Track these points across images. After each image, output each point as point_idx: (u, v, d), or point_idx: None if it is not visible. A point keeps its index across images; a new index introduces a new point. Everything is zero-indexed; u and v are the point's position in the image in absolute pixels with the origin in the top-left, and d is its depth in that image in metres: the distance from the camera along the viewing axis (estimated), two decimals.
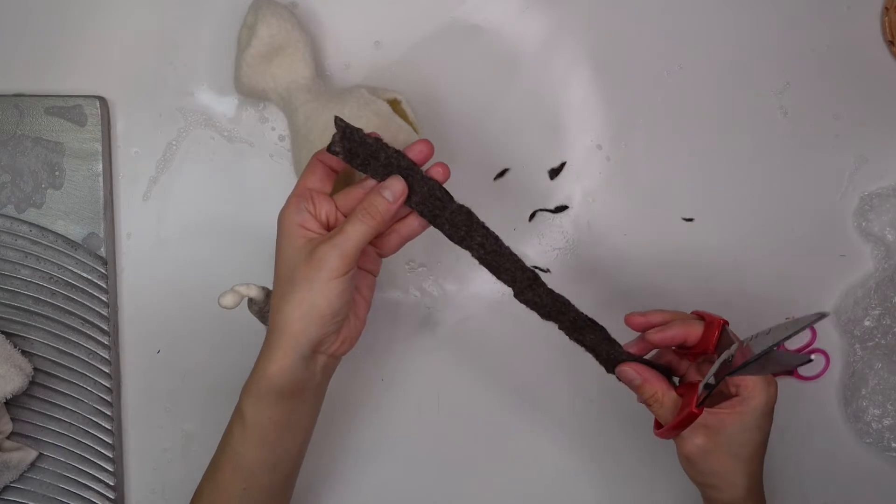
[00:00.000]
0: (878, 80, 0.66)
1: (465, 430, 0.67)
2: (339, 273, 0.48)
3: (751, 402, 0.51)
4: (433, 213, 0.50)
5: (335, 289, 0.48)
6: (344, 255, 0.48)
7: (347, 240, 0.48)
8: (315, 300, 0.48)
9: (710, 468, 0.52)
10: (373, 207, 0.49)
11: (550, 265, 0.66)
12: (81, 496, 0.65)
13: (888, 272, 0.65)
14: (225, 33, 0.64)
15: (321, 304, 0.48)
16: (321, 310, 0.48)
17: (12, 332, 0.64)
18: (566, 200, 0.66)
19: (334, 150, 0.49)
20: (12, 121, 0.64)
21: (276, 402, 0.50)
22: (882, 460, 0.66)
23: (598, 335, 0.53)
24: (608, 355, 0.53)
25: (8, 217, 0.64)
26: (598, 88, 0.66)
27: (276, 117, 0.65)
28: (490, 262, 0.51)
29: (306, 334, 0.48)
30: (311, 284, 0.48)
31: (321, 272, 0.47)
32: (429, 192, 0.50)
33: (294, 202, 0.50)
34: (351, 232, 0.48)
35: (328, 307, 0.48)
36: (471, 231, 0.51)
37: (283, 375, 0.49)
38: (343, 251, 0.48)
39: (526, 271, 0.51)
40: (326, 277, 0.47)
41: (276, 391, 0.50)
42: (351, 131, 0.48)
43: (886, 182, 0.66)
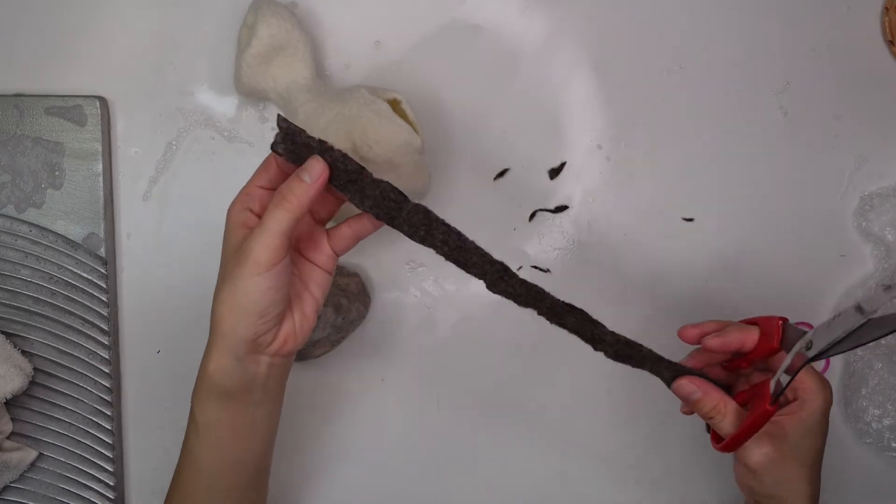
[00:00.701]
0: (878, 80, 0.66)
1: (465, 430, 0.67)
2: (264, 267, 0.45)
3: (811, 405, 0.50)
4: (389, 214, 0.48)
5: (261, 284, 0.45)
6: (266, 245, 0.45)
7: (267, 230, 0.45)
8: (239, 298, 0.45)
9: (778, 478, 0.50)
10: (290, 192, 0.45)
11: (550, 265, 0.66)
12: (81, 496, 0.65)
13: (888, 272, 0.65)
14: (225, 33, 0.64)
15: (246, 302, 0.45)
16: (247, 308, 0.46)
17: (12, 332, 0.64)
18: (566, 200, 0.66)
19: (276, 150, 0.47)
20: (12, 121, 0.64)
21: (221, 403, 0.49)
22: (882, 460, 0.66)
23: (578, 318, 0.52)
24: (593, 335, 0.52)
25: (8, 217, 0.64)
26: (598, 88, 0.66)
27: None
28: (456, 258, 0.50)
29: (235, 333, 0.46)
30: (235, 281, 0.45)
31: (245, 267, 0.45)
32: (381, 194, 0.48)
33: (240, 200, 0.48)
34: (270, 221, 0.45)
35: (254, 305, 0.46)
36: (431, 230, 0.49)
37: (222, 375, 0.47)
38: (264, 242, 0.45)
39: (494, 264, 0.50)
40: (250, 272, 0.45)
41: (218, 391, 0.48)
42: (293, 132, 0.46)
43: (886, 182, 0.66)
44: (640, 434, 0.67)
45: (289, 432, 0.66)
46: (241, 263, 0.45)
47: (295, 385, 0.66)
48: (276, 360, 0.49)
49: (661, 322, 0.66)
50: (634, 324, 0.67)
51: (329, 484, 0.67)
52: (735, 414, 0.50)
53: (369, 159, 0.55)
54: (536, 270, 0.66)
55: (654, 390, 0.66)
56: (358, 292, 0.63)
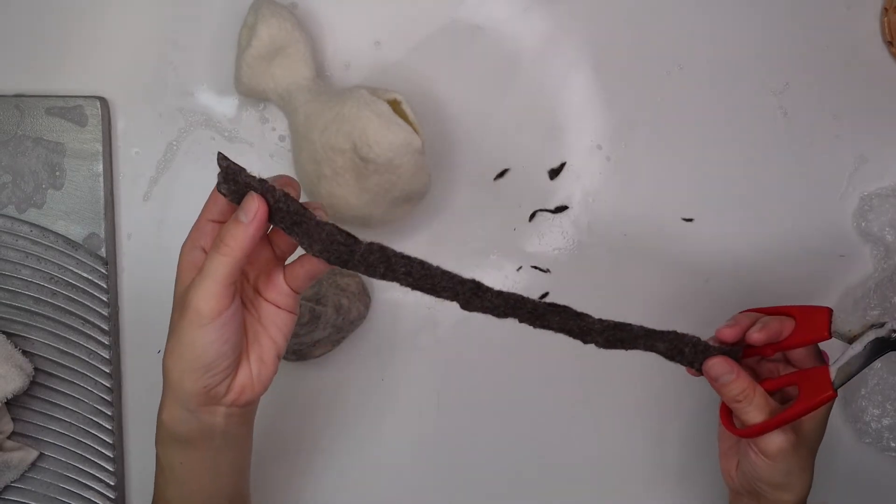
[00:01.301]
0: (878, 80, 0.66)
1: (465, 429, 0.67)
2: (207, 318, 0.42)
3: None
4: (341, 258, 0.44)
5: (205, 337, 0.42)
6: (207, 294, 0.42)
7: (206, 276, 0.42)
8: (184, 350, 0.43)
9: (792, 466, 0.50)
10: (228, 234, 0.42)
11: (550, 265, 0.66)
12: (82, 496, 0.65)
13: (887, 272, 0.65)
14: (225, 33, 0.64)
15: (190, 356, 0.43)
16: (191, 362, 0.43)
17: (13, 332, 0.64)
18: (566, 200, 0.66)
19: (220, 190, 0.44)
20: (13, 121, 0.64)
21: (179, 449, 0.47)
22: (881, 460, 0.66)
23: (562, 315, 0.50)
24: (580, 329, 0.51)
25: (8, 217, 0.64)
26: (598, 89, 0.66)
27: (277, 117, 0.65)
28: (424, 286, 0.46)
29: (182, 387, 0.44)
30: (178, 333, 0.43)
31: (185, 318, 0.42)
32: (328, 237, 0.43)
33: (191, 238, 0.45)
34: (209, 267, 0.42)
35: (198, 359, 0.43)
36: (390, 266, 0.45)
37: (175, 424, 0.45)
38: (205, 290, 0.42)
39: (465, 283, 0.47)
40: (192, 324, 0.42)
41: (174, 438, 0.46)
42: (234, 171, 0.43)
43: (886, 182, 0.66)
44: (638, 433, 0.67)
45: (288, 432, 0.66)
46: (183, 314, 0.42)
47: (295, 385, 0.66)
48: (235, 410, 0.46)
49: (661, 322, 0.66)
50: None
51: (329, 484, 0.67)
52: (763, 400, 0.49)
53: (369, 159, 0.55)
54: (536, 270, 0.66)
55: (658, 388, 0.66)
56: (358, 292, 0.63)
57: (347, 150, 0.56)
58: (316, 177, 0.57)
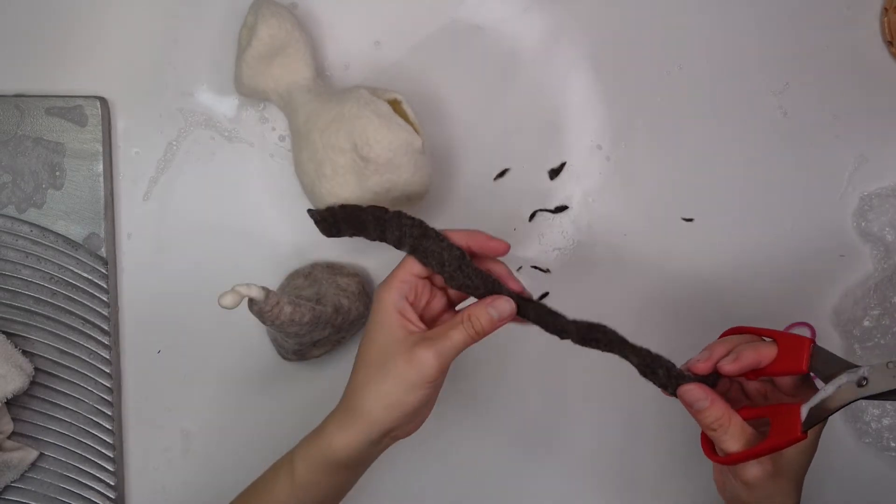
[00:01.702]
0: (878, 80, 0.66)
1: (464, 429, 0.67)
2: (435, 379, 0.48)
3: None
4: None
5: (427, 392, 0.48)
6: (443, 363, 0.48)
7: (450, 349, 0.48)
8: (404, 399, 0.48)
9: (769, 493, 0.50)
10: (478, 322, 0.49)
11: (550, 265, 0.66)
12: (82, 496, 0.65)
13: (887, 272, 0.65)
14: (225, 33, 0.64)
15: (409, 404, 0.48)
16: (407, 408, 0.48)
17: (13, 332, 0.64)
18: (566, 200, 0.66)
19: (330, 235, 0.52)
20: (13, 121, 0.64)
21: (333, 472, 0.50)
22: (881, 460, 0.66)
23: (539, 309, 0.52)
24: (556, 327, 0.51)
25: (9, 217, 0.64)
26: (598, 88, 0.66)
27: (277, 117, 0.65)
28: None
29: (385, 425, 0.49)
30: (404, 384, 0.48)
31: (418, 375, 0.47)
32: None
33: (396, 287, 0.50)
34: (454, 341, 0.48)
35: (414, 408, 0.48)
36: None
37: (348, 452, 0.49)
38: (443, 360, 0.48)
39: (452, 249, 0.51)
40: (422, 382, 0.48)
41: (336, 463, 0.50)
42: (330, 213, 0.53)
43: (886, 182, 0.66)
44: (636, 433, 0.67)
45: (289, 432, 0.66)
46: (416, 371, 0.47)
47: (295, 385, 0.66)
48: (393, 441, 0.52)
49: (661, 322, 0.66)
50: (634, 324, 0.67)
51: None
52: (739, 429, 0.48)
53: (370, 159, 0.55)
54: (536, 270, 0.66)
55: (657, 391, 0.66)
56: (358, 292, 0.63)
57: (348, 150, 0.56)
58: (316, 177, 0.57)
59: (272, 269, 0.65)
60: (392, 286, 0.50)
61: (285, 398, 0.66)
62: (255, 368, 0.66)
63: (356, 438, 0.49)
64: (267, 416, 0.67)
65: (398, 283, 0.50)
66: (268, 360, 0.66)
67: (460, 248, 0.51)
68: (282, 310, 0.53)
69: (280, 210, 0.66)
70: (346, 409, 0.50)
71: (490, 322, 0.49)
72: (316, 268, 0.64)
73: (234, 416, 0.67)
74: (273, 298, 0.52)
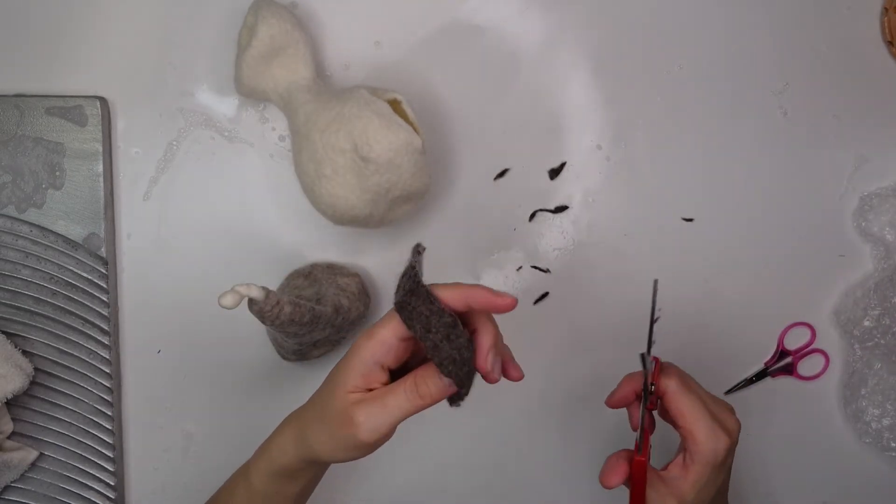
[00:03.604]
0: (878, 80, 0.66)
1: (464, 428, 0.67)
2: (370, 445, 0.45)
3: (699, 458, 0.47)
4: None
5: (370, 449, 0.46)
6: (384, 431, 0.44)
7: (391, 415, 0.44)
8: (347, 454, 0.46)
9: None
10: (425, 387, 0.44)
11: (550, 265, 0.66)
12: (82, 496, 0.65)
13: (887, 272, 0.65)
14: (225, 33, 0.64)
15: (351, 457, 0.46)
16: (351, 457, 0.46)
17: (13, 332, 0.64)
18: (566, 200, 0.66)
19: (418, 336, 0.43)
20: (13, 121, 0.64)
21: (287, 481, 0.50)
22: (881, 460, 0.66)
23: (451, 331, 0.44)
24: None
25: (9, 217, 0.64)
26: (598, 88, 0.66)
27: (276, 117, 0.65)
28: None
29: (332, 461, 0.48)
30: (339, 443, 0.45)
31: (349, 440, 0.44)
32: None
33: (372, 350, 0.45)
34: (399, 406, 0.44)
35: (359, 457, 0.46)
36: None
37: (294, 469, 0.49)
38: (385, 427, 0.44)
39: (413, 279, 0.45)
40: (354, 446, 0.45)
41: (289, 474, 0.49)
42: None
43: (886, 182, 0.66)
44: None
45: None
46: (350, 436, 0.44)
47: (295, 385, 0.66)
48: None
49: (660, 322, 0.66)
50: (634, 324, 0.67)
51: (328, 482, 0.67)
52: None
53: (370, 159, 0.55)
54: (536, 270, 0.66)
55: None
56: (358, 292, 0.63)
57: (348, 150, 0.56)
58: (316, 177, 0.57)
59: (272, 269, 0.65)
60: (369, 346, 0.45)
61: (285, 398, 0.66)
62: (255, 368, 0.66)
63: (298, 459, 0.48)
64: (267, 416, 0.66)
65: (377, 345, 0.45)
66: (268, 360, 0.66)
67: (453, 313, 0.43)
68: (282, 310, 0.53)
69: (280, 210, 0.66)
70: (298, 433, 0.48)
71: (441, 391, 0.44)
72: (316, 268, 0.64)
73: (234, 416, 0.67)
74: (273, 298, 0.52)
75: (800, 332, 0.66)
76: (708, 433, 0.47)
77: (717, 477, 0.48)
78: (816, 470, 0.67)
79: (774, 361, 0.66)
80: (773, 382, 0.67)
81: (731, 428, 0.48)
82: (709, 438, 0.47)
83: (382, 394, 0.44)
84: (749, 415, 0.67)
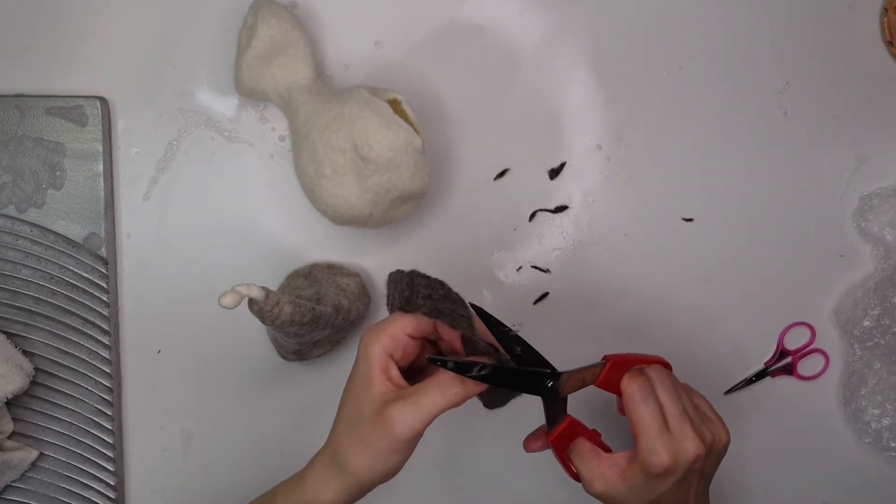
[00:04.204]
0: (878, 80, 0.66)
1: (463, 428, 0.67)
2: (410, 440, 0.45)
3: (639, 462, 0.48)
4: None
5: (407, 454, 0.46)
6: (418, 427, 0.45)
7: (423, 413, 0.45)
8: (388, 464, 0.46)
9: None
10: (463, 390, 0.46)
11: (550, 265, 0.66)
12: (82, 496, 0.65)
13: (887, 272, 0.65)
14: (225, 33, 0.64)
15: (391, 467, 0.46)
16: (390, 470, 0.47)
17: (13, 331, 0.64)
18: (566, 200, 0.66)
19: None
20: (13, 121, 0.64)
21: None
22: (881, 460, 0.66)
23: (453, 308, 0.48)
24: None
25: (9, 217, 0.64)
26: (598, 88, 0.66)
27: (276, 117, 0.65)
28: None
29: (371, 483, 0.47)
30: (382, 451, 0.45)
31: (388, 440, 0.45)
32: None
33: (382, 342, 0.46)
34: (430, 404, 0.45)
35: (397, 468, 0.47)
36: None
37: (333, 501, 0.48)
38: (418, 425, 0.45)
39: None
40: (395, 446, 0.45)
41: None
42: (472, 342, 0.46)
43: (886, 182, 0.66)
44: None
45: (289, 432, 0.66)
46: (389, 434, 0.45)
47: (295, 385, 0.66)
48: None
49: (661, 322, 0.66)
50: (634, 324, 0.67)
51: None
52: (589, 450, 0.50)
53: (370, 159, 0.55)
54: (536, 270, 0.66)
55: None
56: (358, 292, 0.63)
57: (348, 150, 0.56)
58: (316, 177, 0.57)
59: (272, 269, 0.65)
60: (380, 340, 0.46)
61: (285, 398, 0.66)
62: (255, 368, 0.66)
63: (341, 492, 0.47)
64: (267, 416, 0.67)
65: (385, 338, 0.46)
66: (268, 360, 0.66)
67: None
68: (282, 310, 0.53)
69: (280, 210, 0.66)
70: (331, 463, 0.48)
71: (472, 391, 0.46)
72: (316, 268, 0.64)
73: (234, 416, 0.67)
74: (273, 298, 0.52)
75: (800, 332, 0.66)
76: (648, 446, 0.48)
77: (654, 486, 0.48)
78: (816, 470, 0.67)
79: (774, 361, 0.67)
80: (773, 382, 0.67)
81: (681, 450, 0.48)
82: (646, 451, 0.47)
83: (413, 392, 0.45)
84: (749, 415, 0.67)
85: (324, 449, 0.49)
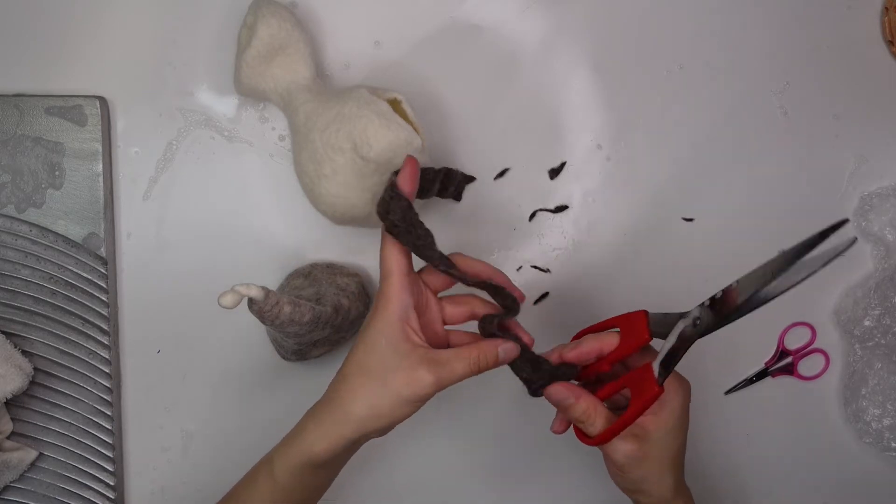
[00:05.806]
0: (878, 80, 0.66)
1: (463, 428, 0.67)
2: (427, 399, 0.49)
3: (671, 405, 0.51)
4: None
5: (417, 408, 0.49)
6: (440, 388, 0.49)
7: (451, 378, 0.49)
8: (396, 412, 0.49)
9: (642, 475, 0.52)
10: (484, 360, 0.50)
11: (550, 265, 0.66)
12: (81, 496, 0.65)
13: (888, 272, 0.65)
14: (225, 33, 0.64)
15: (398, 417, 0.49)
16: (395, 420, 0.49)
17: (12, 331, 0.64)
18: (566, 200, 0.66)
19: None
20: (13, 121, 0.64)
21: (313, 473, 0.51)
22: (882, 460, 0.66)
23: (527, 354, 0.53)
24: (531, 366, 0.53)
25: (8, 217, 0.64)
26: (598, 88, 0.66)
27: (276, 117, 0.65)
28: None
29: (368, 430, 0.49)
30: (399, 399, 0.48)
31: (414, 394, 0.48)
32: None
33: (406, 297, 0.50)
34: (457, 373, 0.49)
35: (401, 420, 0.49)
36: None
37: (329, 455, 0.50)
38: (441, 386, 0.49)
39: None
40: (416, 400, 0.48)
41: (316, 463, 0.50)
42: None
43: (886, 182, 0.66)
44: None
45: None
46: (412, 389, 0.48)
47: (295, 385, 0.66)
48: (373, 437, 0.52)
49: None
50: None
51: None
52: (604, 418, 0.51)
53: (370, 159, 0.55)
54: (536, 270, 0.66)
55: None
56: (358, 292, 0.63)
57: (348, 150, 0.56)
58: (316, 176, 0.57)
59: (272, 269, 0.65)
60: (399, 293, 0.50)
61: (285, 398, 0.66)
62: (255, 368, 0.66)
63: (338, 441, 0.49)
64: (267, 416, 0.66)
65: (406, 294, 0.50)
66: (268, 360, 0.66)
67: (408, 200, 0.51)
68: (282, 310, 0.53)
69: (280, 210, 0.66)
70: (330, 409, 0.50)
71: (495, 362, 0.51)
72: (316, 268, 0.64)
73: (234, 416, 0.67)
74: (273, 298, 0.52)
75: (800, 331, 0.66)
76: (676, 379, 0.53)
77: (683, 423, 0.52)
78: (816, 470, 0.67)
79: (775, 361, 0.66)
80: (773, 382, 0.67)
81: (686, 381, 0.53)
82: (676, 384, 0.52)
83: (448, 357, 0.49)
84: (749, 415, 0.67)
85: (320, 401, 0.51)
